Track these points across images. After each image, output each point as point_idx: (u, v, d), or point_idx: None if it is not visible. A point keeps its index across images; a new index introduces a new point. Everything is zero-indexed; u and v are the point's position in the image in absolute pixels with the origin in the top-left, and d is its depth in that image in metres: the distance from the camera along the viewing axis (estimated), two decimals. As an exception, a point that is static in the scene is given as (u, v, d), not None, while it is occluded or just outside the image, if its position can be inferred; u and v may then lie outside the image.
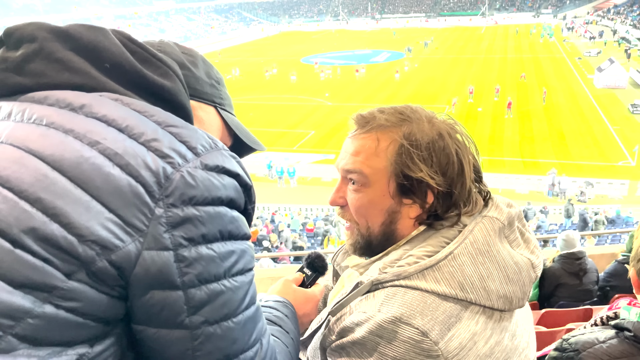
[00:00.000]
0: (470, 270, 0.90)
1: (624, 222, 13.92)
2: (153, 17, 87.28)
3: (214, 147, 0.80)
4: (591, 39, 53.43)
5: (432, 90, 34.86)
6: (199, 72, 1.02)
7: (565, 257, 4.44)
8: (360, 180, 0.99)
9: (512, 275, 0.94)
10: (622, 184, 19.42)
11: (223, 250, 0.76)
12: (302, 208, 18.56)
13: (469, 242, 0.93)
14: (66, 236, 0.66)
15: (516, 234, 1.02)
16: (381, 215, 1.00)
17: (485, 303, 0.90)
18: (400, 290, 0.89)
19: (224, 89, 1.09)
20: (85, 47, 0.82)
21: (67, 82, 0.80)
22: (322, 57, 52.82)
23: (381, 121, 0.98)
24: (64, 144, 0.71)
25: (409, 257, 0.94)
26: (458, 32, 67.51)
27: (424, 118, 0.99)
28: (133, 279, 0.70)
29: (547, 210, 16.96)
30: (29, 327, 0.64)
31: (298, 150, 25.19)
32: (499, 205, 1.02)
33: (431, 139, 0.96)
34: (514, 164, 21.92)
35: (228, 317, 0.77)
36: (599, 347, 1.17)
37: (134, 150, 0.73)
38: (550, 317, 3.68)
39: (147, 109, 0.80)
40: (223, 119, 1.07)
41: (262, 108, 32.51)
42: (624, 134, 24.56)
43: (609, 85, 33.34)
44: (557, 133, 25.32)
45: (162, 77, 0.87)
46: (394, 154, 0.96)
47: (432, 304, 0.87)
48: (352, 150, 1.00)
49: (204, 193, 0.74)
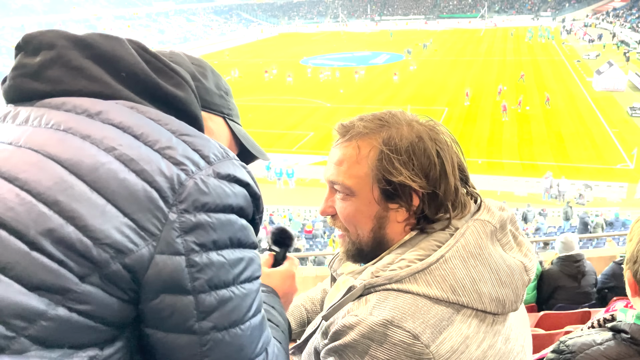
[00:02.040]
0: (461, 273, 0.90)
1: (622, 224, 13.94)
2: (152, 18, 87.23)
3: (225, 157, 0.82)
4: (590, 42, 53.54)
5: (431, 93, 34.87)
6: (208, 83, 1.05)
7: (563, 260, 4.45)
8: (345, 191, 1.00)
9: (505, 279, 0.94)
10: (621, 187, 19.44)
11: (232, 257, 0.78)
12: (300, 209, 18.58)
13: (460, 245, 0.93)
14: (82, 239, 0.68)
15: (509, 237, 1.02)
16: (369, 222, 1.00)
17: (477, 306, 0.90)
18: (392, 294, 0.90)
19: (231, 99, 1.12)
20: (102, 56, 0.84)
21: (83, 90, 0.82)
22: (321, 58, 52.89)
23: (360, 129, 0.99)
24: (82, 149, 0.73)
25: (400, 261, 0.94)
26: (457, 35, 67.60)
27: (403, 122, 0.99)
28: (145, 283, 0.72)
29: (546, 212, 16.98)
30: (42, 329, 0.65)
31: (297, 151, 25.20)
32: (491, 209, 1.03)
33: (410, 142, 0.96)
34: (513, 166, 21.94)
35: (236, 324, 0.78)
36: (596, 349, 1.17)
37: (149, 157, 0.75)
38: (549, 319, 3.68)
39: (162, 117, 0.82)
40: (231, 129, 1.10)
41: (261, 109, 32.50)
42: (622, 136, 24.60)
43: (607, 88, 33.39)
44: (556, 135, 25.35)
45: (175, 87, 0.89)
46: (375, 160, 0.97)
47: (423, 307, 0.88)
48: (335, 159, 1.02)
49: (215, 200, 0.76)
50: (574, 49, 51.26)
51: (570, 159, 22.55)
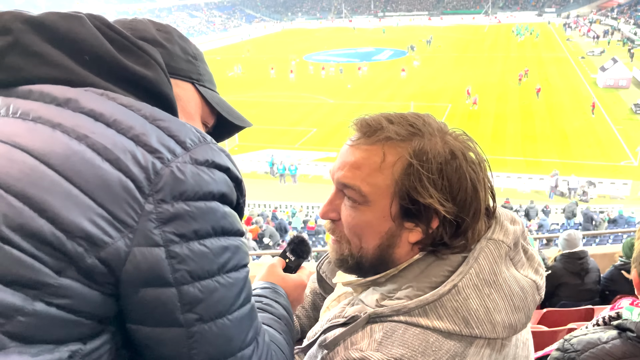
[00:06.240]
0: (475, 304, 0.83)
1: (626, 222, 13.89)
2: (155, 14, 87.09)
3: (202, 141, 0.78)
4: (594, 39, 53.26)
5: (434, 89, 34.76)
6: (173, 48, 0.97)
7: (567, 257, 4.44)
8: (358, 199, 0.88)
9: (519, 303, 0.87)
10: (625, 184, 19.36)
11: (216, 246, 0.75)
12: (303, 206, 18.58)
13: (474, 273, 0.84)
14: (54, 232, 0.65)
15: (520, 254, 0.94)
16: (378, 238, 0.90)
17: (490, 336, 0.83)
18: (400, 327, 0.83)
19: (202, 64, 1.03)
20: (62, 38, 0.79)
21: (46, 77, 0.78)
22: (324, 54, 52.75)
23: (390, 133, 0.87)
24: (52, 138, 0.70)
25: (408, 289, 0.86)
26: (461, 31, 67.33)
27: (437, 133, 0.88)
28: (124, 277, 0.69)
29: (549, 209, 16.93)
30: (20, 325, 0.63)
31: (300, 147, 25.18)
32: (504, 224, 0.93)
33: (444, 159, 0.85)
34: (516, 163, 21.88)
35: (223, 315, 0.76)
36: (602, 347, 1.16)
37: (123, 144, 0.71)
38: (552, 316, 3.67)
39: (134, 103, 0.78)
40: (203, 96, 1.02)
41: (264, 105, 32.48)
42: (626, 133, 24.50)
43: (612, 84, 33.24)
44: (560, 132, 25.25)
45: (143, 67, 0.84)
46: (401, 172, 0.85)
47: (435, 342, 0.81)
48: (351, 161, 0.89)
49: (194, 188, 0.72)
50: (578, 46, 50.99)
51: (574, 155, 22.46)
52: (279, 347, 0.90)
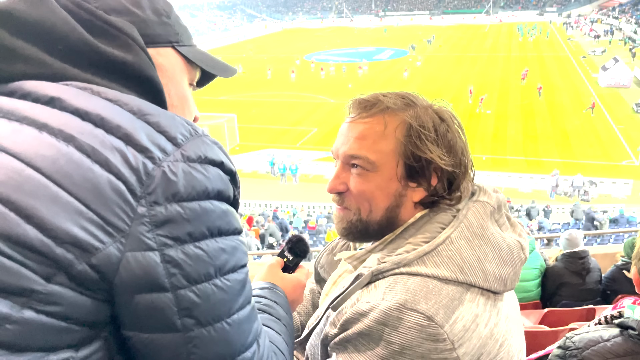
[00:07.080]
0: (467, 253, 0.92)
1: (627, 221, 13.88)
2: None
3: (194, 134, 0.75)
4: (596, 38, 53.21)
5: (435, 88, 34.72)
6: (144, 13, 0.87)
7: (568, 256, 4.43)
8: (366, 166, 0.98)
9: (506, 257, 0.96)
10: (626, 184, 19.35)
11: (212, 248, 0.72)
12: (304, 205, 18.59)
13: (464, 226, 0.94)
14: (41, 238, 0.62)
15: (504, 219, 1.04)
16: (387, 199, 0.99)
17: (483, 285, 0.92)
18: (402, 278, 0.90)
19: (176, 20, 0.94)
20: (32, 29, 0.75)
21: (22, 73, 0.74)
22: (325, 54, 52.75)
23: (388, 104, 0.99)
24: (39, 140, 0.67)
25: (406, 245, 0.95)
26: (462, 30, 67.29)
27: (426, 104, 1.02)
28: (117, 283, 0.66)
29: (550, 209, 16.93)
30: (8, 333, 0.61)
31: (301, 147, 25.19)
32: (487, 190, 1.05)
33: (437, 121, 0.98)
34: (517, 163, 21.87)
35: (222, 318, 0.73)
36: (603, 345, 1.16)
37: (112, 144, 0.68)
38: (553, 316, 3.67)
39: (120, 97, 0.74)
40: (184, 56, 0.95)
41: (265, 105, 32.48)
42: (628, 133, 24.48)
43: (613, 84, 33.22)
44: (561, 132, 25.23)
45: (121, 50, 0.79)
46: (403, 135, 0.97)
47: (434, 288, 0.88)
48: (355, 134, 1.00)
49: (187, 189, 0.69)
50: (579, 45, 50.96)
51: (575, 155, 22.45)
52: (279, 348, 0.89)
